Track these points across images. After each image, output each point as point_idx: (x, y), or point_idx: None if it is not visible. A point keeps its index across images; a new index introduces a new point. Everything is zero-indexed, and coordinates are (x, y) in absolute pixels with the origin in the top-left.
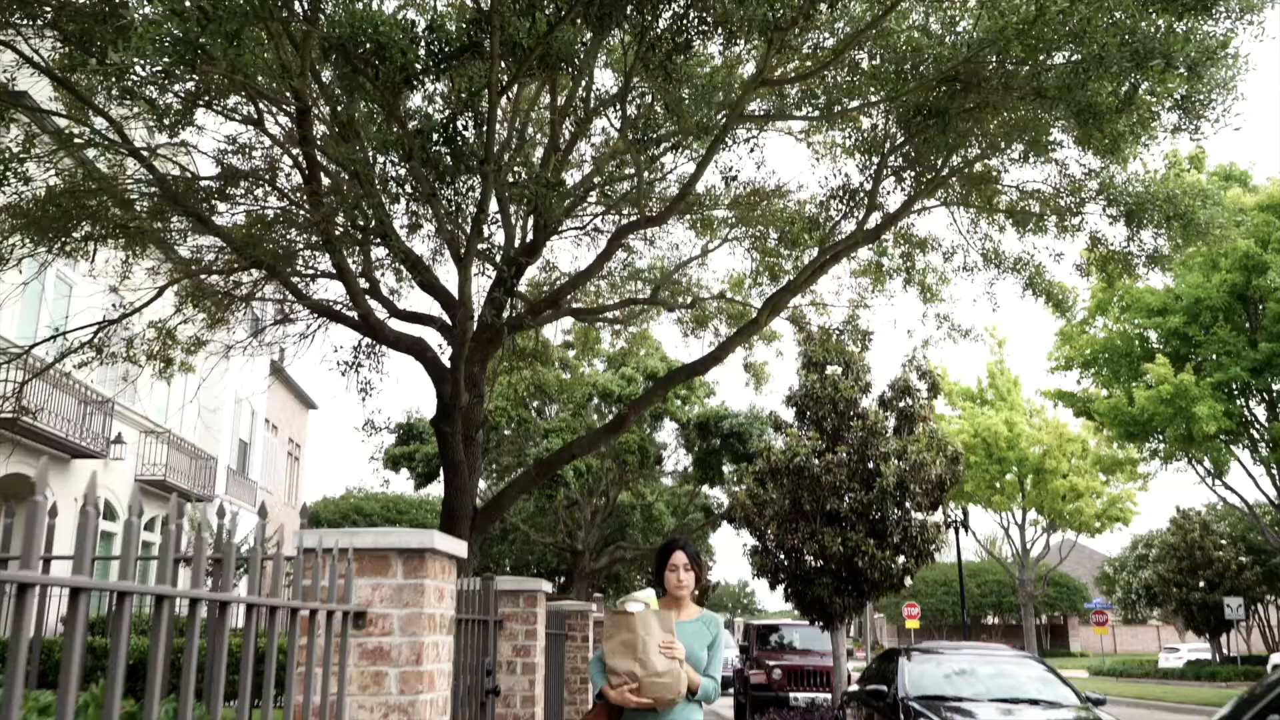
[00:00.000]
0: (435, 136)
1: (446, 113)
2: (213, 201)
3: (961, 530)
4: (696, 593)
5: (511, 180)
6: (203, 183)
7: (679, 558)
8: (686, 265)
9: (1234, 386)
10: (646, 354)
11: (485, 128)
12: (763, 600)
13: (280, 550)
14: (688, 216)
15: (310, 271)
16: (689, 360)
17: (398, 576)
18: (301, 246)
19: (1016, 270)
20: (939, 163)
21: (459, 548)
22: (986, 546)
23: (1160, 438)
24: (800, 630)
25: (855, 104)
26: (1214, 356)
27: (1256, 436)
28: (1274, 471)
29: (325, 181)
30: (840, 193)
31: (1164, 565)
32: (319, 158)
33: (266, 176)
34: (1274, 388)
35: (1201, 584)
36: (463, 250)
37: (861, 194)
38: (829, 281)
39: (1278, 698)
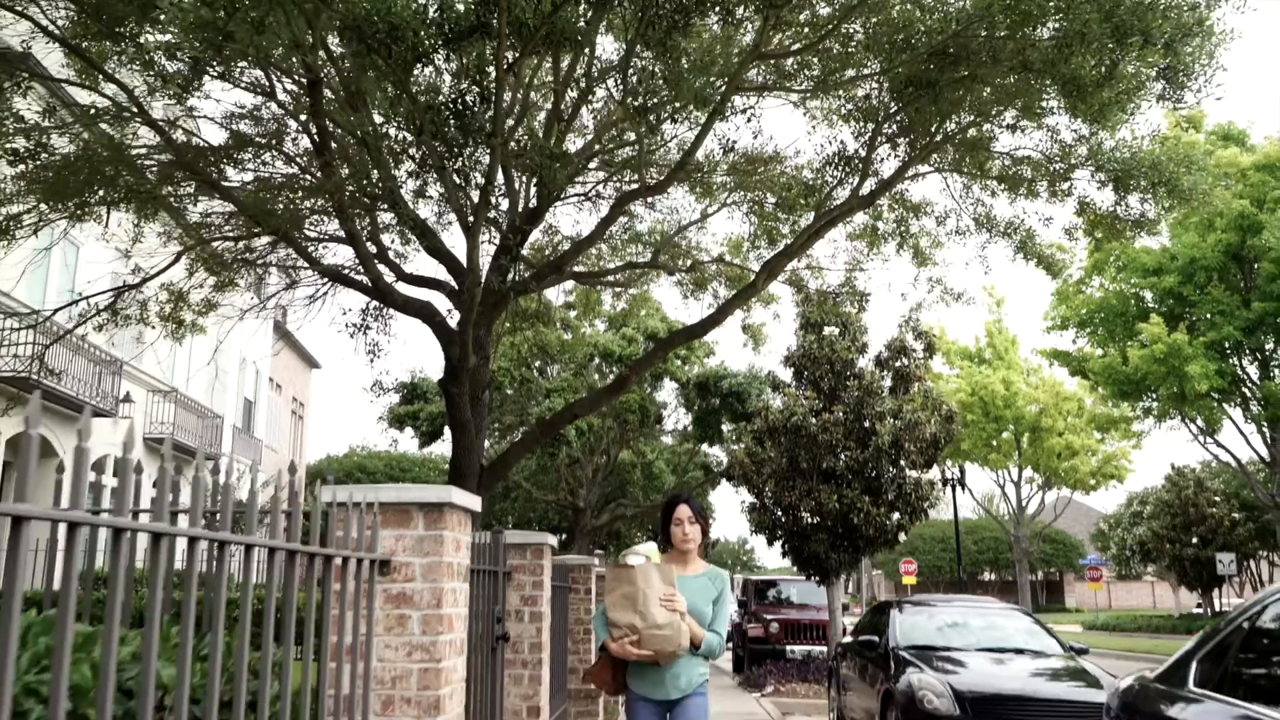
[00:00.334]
0: (444, 112)
1: (455, 88)
2: (222, 166)
3: (958, 488)
4: (702, 546)
5: (516, 150)
6: (214, 148)
7: (683, 511)
8: (686, 229)
9: (1227, 345)
10: (647, 315)
11: (492, 103)
12: (761, 556)
13: (318, 504)
14: (687, 183)
15: (319, 236)
16: (689, 321)
17: (419, 528)
18: (309, 212)
19: (1008, 234)
20: (932, 129)
21: (474, 502)
22: (983, 504)
23: (1154, 396)
24: (797, 585)
25: (850, 74)
26: (1208, 316)
27: (1248, 395)
28: (1265, 429)
29: (334, 147)
30: (836, 159)
31: (1158, 522)
32: (329, 126)
33: (275, 143)
34: (1267, 346)
35: (1195, 540)
36: (470, 219)
37: (856, 160)
38: (825, 245)
39: (1232, 633)
